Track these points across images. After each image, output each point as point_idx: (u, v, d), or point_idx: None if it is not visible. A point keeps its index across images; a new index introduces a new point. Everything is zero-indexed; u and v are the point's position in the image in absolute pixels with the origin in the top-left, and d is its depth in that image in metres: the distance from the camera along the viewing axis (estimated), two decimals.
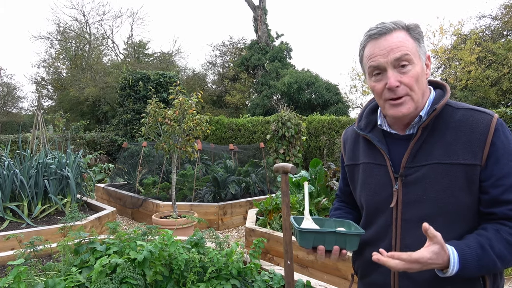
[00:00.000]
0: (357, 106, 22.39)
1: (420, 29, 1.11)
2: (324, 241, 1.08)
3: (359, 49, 1.17)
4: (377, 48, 1.08)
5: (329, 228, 1.14)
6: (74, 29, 26.28)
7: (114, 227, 2.59)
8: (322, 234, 1.08)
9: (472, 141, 1.04)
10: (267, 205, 4.51)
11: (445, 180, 1.05)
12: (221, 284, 2.26)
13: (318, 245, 1.08)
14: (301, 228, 1.10)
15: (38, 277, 2.15)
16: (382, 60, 1.07)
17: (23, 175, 4.81)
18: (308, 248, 1.09)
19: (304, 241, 1.09)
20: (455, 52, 16.23)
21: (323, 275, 3.39)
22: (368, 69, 1.13)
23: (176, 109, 4.91)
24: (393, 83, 1.05)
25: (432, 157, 1.07)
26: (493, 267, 0.98)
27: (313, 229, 1.11)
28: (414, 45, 1.08)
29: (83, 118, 21.85)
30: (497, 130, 1.04)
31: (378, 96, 1.13)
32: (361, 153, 1.26)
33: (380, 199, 1.16)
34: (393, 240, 1.13)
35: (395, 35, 1.07)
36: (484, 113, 1.07)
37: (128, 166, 8.48)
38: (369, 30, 1.12)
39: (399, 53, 1.05)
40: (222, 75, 26.62)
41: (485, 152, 1.02)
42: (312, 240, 1.08)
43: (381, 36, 1.08)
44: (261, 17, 23.86)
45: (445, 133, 1.08)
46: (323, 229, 1.11)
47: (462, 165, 1.03)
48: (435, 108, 1.08)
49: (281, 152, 9.31)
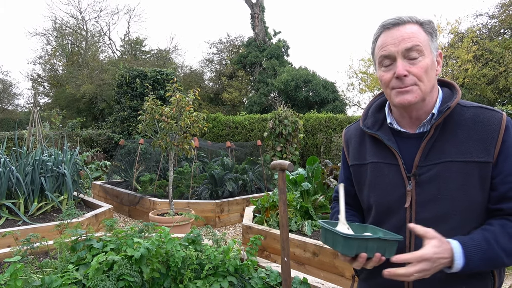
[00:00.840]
0: (354, 104, 22.44)
1: (433, 25, 1.11)
2: (366, 248, 1.01)
3: (372, 41, 1.17)
4: (389, 38, 1.09)
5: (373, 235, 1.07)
6: (71, 25, 26.13)
7: (111, 224, 2.59)
8: (366, 240, 1.01)
9: (485, 138, 1.04)
10: (264, 202, 4.52)
11: (460, 178, 1.04)
12: (218, 281, 2.26)
13: (360, 252, 1.01)
14: (346, 235, 1.01)
15: (35, 274, 2.15)
16: (393, 49, 1.07)
17: (19, 172, 4.79)
18: (351, 255, 1.02)
19: (348, 249, 1.01)
20: (452, 50, 16.25)
21: (319, 272, 3.40)
22: (378, 59, 1.12)
23: (173, 107, 4.90)
24: (401, 71, 1.05)
25: (445, 155, 1.06)
26: (498, 261, 0.98)
27: (358, 235, 1.03)
28: (426, 38, 1.08)
29: (79, 115, 21.79)
30: (507, 127, 1.04)
31: (385, 85, 1.12)
32: (368, 153, 1.23)
33: (392, 200, 1.13)
34: (407, 241, 1.11)
35: (408, 26, 1.08)
36: (494, 111, 1.07)
37: (125, 163, 8.46)
38: (383, 21, 1.12)
39: (410, 43, 1.05)
40: (219, 72, 26.56)
41: (496, 149, 1.03)
42: (356, 247, 1.01)
43: (395, 26, 1.09)
44: (259, 15, 23.81)
45: (457, 131, 1.07)
46: (367, 236, 1.04)
47: (476, 163, 1.03)
48: (449, 106, 1.07)
49: (278, 150, 9.32)
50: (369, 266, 1.05)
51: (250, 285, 2.35)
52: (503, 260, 0.98)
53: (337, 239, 1.04)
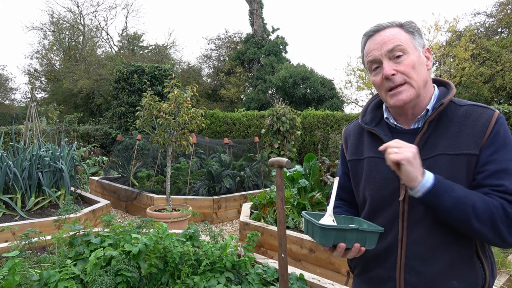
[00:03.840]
0: (351, 101, 22.46)
1: (414, 24, 1.16)
2: (345, 239, 1.04)
3: (361, 51, 1.23)
4: (372, 44, 1.16)
5: (350, 225, 1.10)
6: (68, 20, 25.95)
7: (108, 220, 2.60)
8: (344, 231, 1.04)
9: (474, 132, 1.07)
10: (261, 199, 4.53)
11: (449, 170, 1.07)
12: (216, 277, 2.28)
13: (339, 242, 1.05)
14: (322, 225, 1.04)
15: (33, 269, 2.16)
16: (377, 54, 1.13)
17: (17, 167, 4.78)
18: (328, 245, 1.05)
19: (325, 239, 1.04)
20: (450, 49, 16.29)
21: (316, 268, 3.43)
22: (368, 65, 1.19)
23: (171, 103, 4.90)
24: (388, 71, 1.10)
25: (437, 149, 1.10)
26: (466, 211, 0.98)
27: (335, 226, 1.06)
28: (407, 37, 1.13)
29: (76, 110, 21.70)
30: (497, 122, 1.07)
31: (379, 88, 1.17)
32: (365, 148, 1.27)
33: (386, 193, 1.16)
34: (399, 234, 1.13)
35: (388, 30, 1.14)
36: (487, 108, 1.10)
37: (122, 159, 8.45)
38: (365, 31, 1.19)
39: (391, 44, 1.11)
40: (217, 68, 26.49)
41: (483, 142, 1.06)
42: (333, 237, 1.04)
43: (376, 32, 1.16)
44: (257, 11, 23.74)
45: (450, 127, 1.11)
46: (345, 226, 1.06)
47: (464, 155, 1.06)
48: (442, 102, 1.11)
49: (276, 147, 9.33)
50: (349, 256, 1.09)
51: (247, 281, 2.37)
52: (468, 209, 0.98)
53: (315, 229, 1.07)
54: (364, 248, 1.06)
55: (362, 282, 1.28)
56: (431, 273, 1.08)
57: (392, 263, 1.14)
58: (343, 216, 1.24)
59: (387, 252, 1.16)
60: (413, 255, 1.10)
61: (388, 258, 1.15)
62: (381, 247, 1.16)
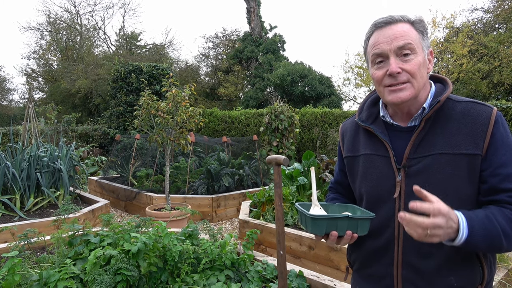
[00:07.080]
0: (350, 99, 22.46)
1: (424, 23, 1.14)
2: (336, 227, 1.06)
3: (364, 40, 1.19)
4: (381, 36, 1.11)
5: (342, 214, 1.13)
6: (65, 20, 25.85)
7: (108, 219, 2.60)
8: (335, 220, 1.06)
9: (474, 132, 1.06)
10: (260, 197, 4.54)
11: (448, 169, 1.06)
12: (215, 275, 2.29)
13: (331, 231, 1.07)
14: (313, 215, 1.07)
15: (33, 269, 2.16)
16: (385, 48, 1.09)
17: (15, 168, 4.78)
18: (321, 235, 1.08)
19: (317, 228, 1.06)
20: (447, 45, 16.29)
21: (315, 265, 3.44)
22: (371, 57, 1.15)
23: (169, 102, 4.90)
24: (395, 68, 1.07)
25: (435, 148, 1.09)
26: (497, 240, 0.97)
27: (325, 216, 1.08)
28: (417, 36, 1.11)
29: (75, 110, 21.65)
30: (497, 121, 1.06)
31: (378, 83, 1.14)
32: (361, 145, 1.26)
33: (382, 190, 1.16)
34: (395, 230, 1.13)
35: (400, 25, 1.10)
36: (485, 106, 1.09)
37: (121, 158, 8.45)
38: (375, 21, 1.14)
39: (402, 41, 1.08)
40: (215, 67, 26.46)
41: (485, 143, 1.05)
42: (324, 226, 1.06)
43: (387, 25, 1.12)
44: (255, 9, 23.70)
45: (447, 124, 1.10)
46: (335, 215, 1.09)
47: (464, 155, 1.05)
48: (438, 100, 1.10)
49: (274, 145, 9.33)
50: (343, 243, 1.11)
51: (247, 278, 2.38)
52: (501, 240, 0.97)
53: (307, 219, 1.09)
54: (357, 235, 1.09)
55: (361, 278, 1.28)
56: (428, 269, 1.08)
57: (390, 259, 1.14)
58: (337, 204, 1.26)
59: (384, 248, 1.16)
60: (410, 251, 1.10)
61: (386, 254, 1.16)
62: (378, 243, 1.17)
